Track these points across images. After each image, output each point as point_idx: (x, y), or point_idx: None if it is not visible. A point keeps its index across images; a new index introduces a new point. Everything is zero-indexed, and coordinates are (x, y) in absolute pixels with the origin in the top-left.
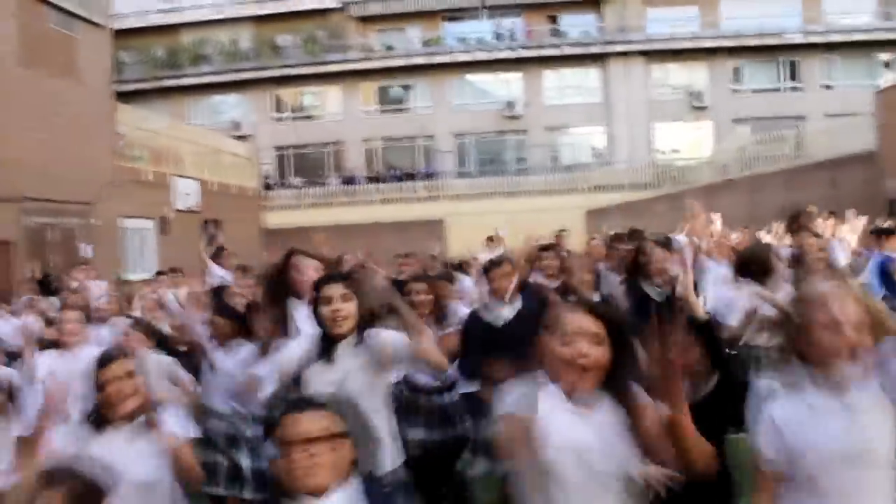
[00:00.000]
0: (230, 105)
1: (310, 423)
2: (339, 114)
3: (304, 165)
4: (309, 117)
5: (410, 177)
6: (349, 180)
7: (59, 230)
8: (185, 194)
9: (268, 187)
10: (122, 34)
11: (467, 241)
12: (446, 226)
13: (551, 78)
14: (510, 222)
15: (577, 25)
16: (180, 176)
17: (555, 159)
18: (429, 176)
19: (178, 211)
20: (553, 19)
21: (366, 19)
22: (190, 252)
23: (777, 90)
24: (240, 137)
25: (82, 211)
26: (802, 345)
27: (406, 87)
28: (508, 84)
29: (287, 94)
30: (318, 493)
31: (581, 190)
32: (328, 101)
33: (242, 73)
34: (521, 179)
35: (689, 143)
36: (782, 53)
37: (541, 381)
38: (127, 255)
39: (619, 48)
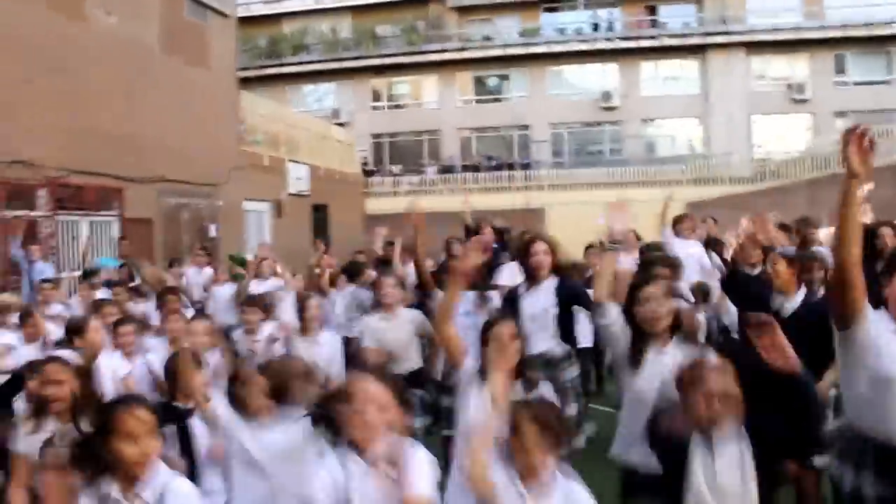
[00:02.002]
0: (329, 93)
1: None
2: (435, 102)
3: (400, 153)
4: (406, 106)
5: (508, 166)
6: (446, 169)
7: (190, 210)
8: (297, 179)
9: (366, 174)
10: None
11: (568, 230)
12: (547, 215)
13: (648, 69)
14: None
15: (676, 16)
16: (293, 161)
17: (651, 151)
18: (525, 166)
19: (291, 195)
20: (652, 10)
21: (464, 9)
22: (300, 234)
23: (883, 82)
24: (338, 125)
25: (210, 192)
26: None
27: (503, 77)
28: (605, 74)
29: (385, 82)
30: None
31: (680, 182)
32: (425, 90)
33: (342, 62)
34: (618, 170)
35: (788, 137)
36: (891, 44)
37: None
38: (247, 236)
39: (719, 39)
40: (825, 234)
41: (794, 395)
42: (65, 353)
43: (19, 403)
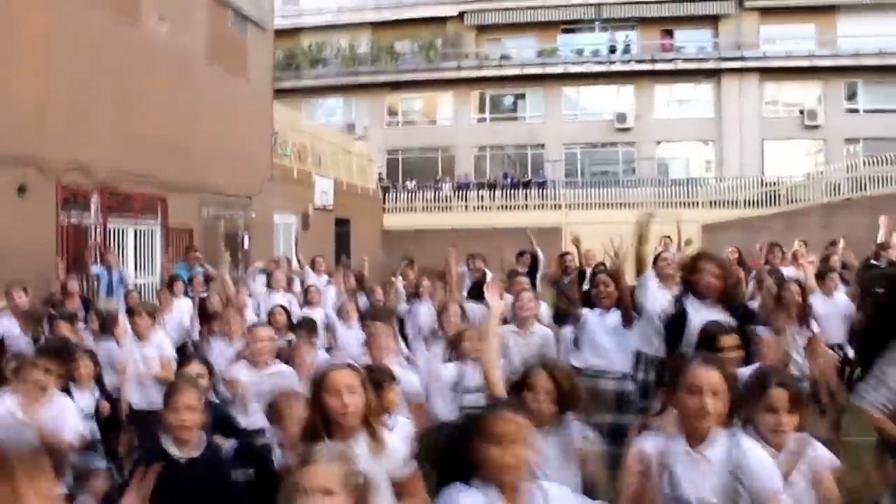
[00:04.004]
0: (342, 107)
1: None
2: (450, 119)
3: (415, 169)
4: (420, 122)
5: (523, 184)
6: (461, 185)
7: (227, 221)
8: (323, 192)
9: (382, 189)
10: None
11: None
12: (563, 234)
13: (663, 92)
14: (628, 233)
15: (691, 41)
16: (319, 174)
17: (664, 172)
18: (540, 184)
19: (316, 208)
20: (668, 33)
21: (482, 28)
22: (325, 247)
23: (894, 111)
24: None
25: (245, 203)
26: None
27: (518, 96)
28: (620, 96)
29: (401, 98)
30: None
31: (695, 204)
32: (440, 107)
33: (358, 76)
34: (633, 191)
35: (799, 161)
36: None
37: None
38: (276, 248)
39: (733, 65)
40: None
41: None
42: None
43: None
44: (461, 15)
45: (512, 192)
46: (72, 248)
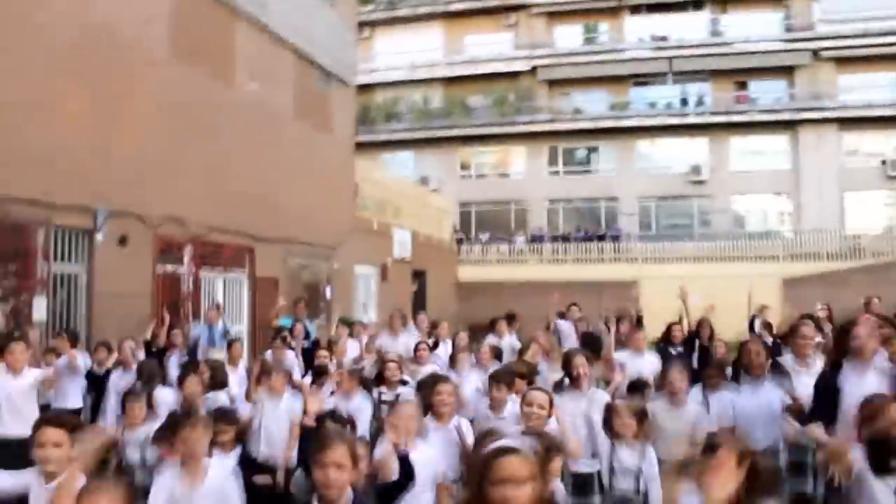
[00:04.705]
0: (414, 160)
1: None
2: (522, 173)
3: (488, 222)
4: (493, 175)
5: (598, 238)
6: (535, 238)
7: (310, 271)
8: (401, 244)
9: (457, 241)
10: None
11: (661, 303)
12: (640, 288)
13: (738, 143)
14: (704, 288)
15: (767, 92)
16: (398, 226)
17: (741, 226)
18: (614, 238)
19: (395, 260)
20: (742, 85)
21: (554, 83)
22: (402, 299)
23: None
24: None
25: (328, 255)
26: None
27: (591, 150)
28: (694, 148)
29: (474, 152)
30: None
31: (774, 258)
32: (513, 160)
33: (432, 130)
34: (709, 245)
35: (882, 214)
36: None
37: None
38: (356, 299)
39: (811, 115)
40: None
41: None
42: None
43: None
44: (533, 70)
45: (586, 245)
46: (167, 296)
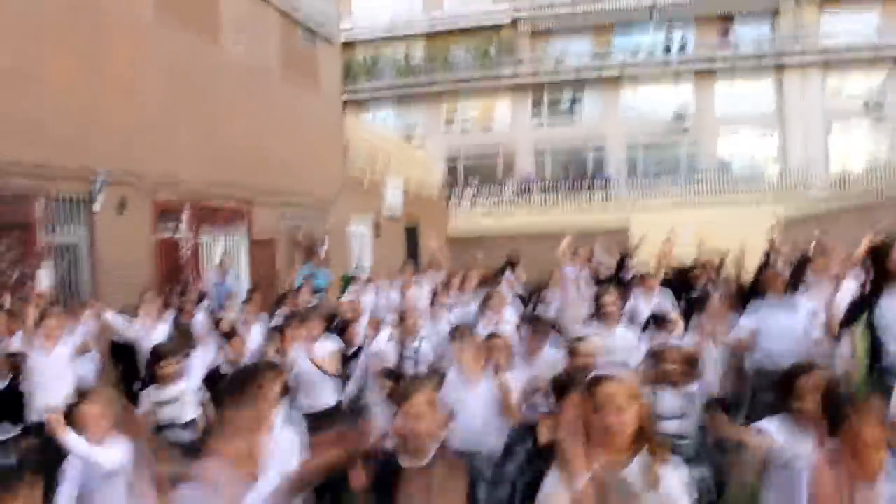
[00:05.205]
0: (402, 116)
1: None
2: (508, 124)
3: (475, 174)
4: (478, 129)
5: (586, 185)
6: (524, 189)
7: (304, 231)
8: (393, 200)
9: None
10: None
11: (654, 248)
12: (632, 234)
13: (723, 87)
14: (698, 231)
15: (750, 36)
16: (388, 183)
17: (728, 170)
18: (603, 184)
19: (386, 216)
20: (725, 31)
21: (536, 33)
22: (395, 254)
23: None
24: None
25: (321, 214)
26: None
27: (576, 99)
28: (678, 94)
29: (457, 105)
30: None
31: (766, 200)
32: (497, 112)
33: (415, 87)
34: (699, 188)
35: (866, 154)
36: None
37: None
38: (350, 256)
39: (793, 59)
40: None
41: None
42: None
43: None
44: (514, 22)
45: (575, 192)
46: (168, 262)
